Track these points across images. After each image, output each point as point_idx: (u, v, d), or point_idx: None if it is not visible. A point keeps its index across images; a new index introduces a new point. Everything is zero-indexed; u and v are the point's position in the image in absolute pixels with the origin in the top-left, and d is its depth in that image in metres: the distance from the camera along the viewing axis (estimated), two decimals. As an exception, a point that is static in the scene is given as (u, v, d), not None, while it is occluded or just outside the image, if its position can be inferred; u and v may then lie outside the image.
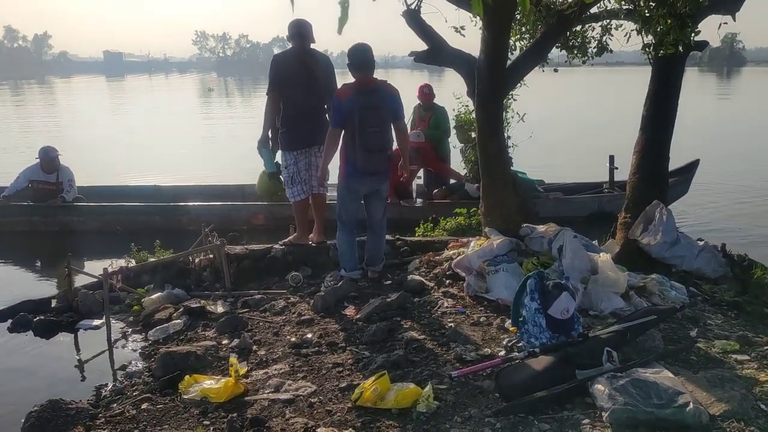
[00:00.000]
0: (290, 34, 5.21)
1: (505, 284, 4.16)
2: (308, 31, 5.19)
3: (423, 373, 3.28)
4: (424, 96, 7.86)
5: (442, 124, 7.79)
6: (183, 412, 3.15)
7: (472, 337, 3.67)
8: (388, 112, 4.58)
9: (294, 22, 5.17)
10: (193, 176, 10.59)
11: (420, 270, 4.96)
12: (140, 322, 4.64)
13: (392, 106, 4.61)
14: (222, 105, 33.01)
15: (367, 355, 3.59)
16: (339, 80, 5.25)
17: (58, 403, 3.19)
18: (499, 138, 4.91)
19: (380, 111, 4.51)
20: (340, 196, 4.81)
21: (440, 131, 7.77)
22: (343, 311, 4.33)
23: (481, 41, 4.64)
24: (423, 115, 7.89)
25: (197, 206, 7.54)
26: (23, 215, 7.51)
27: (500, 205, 4.85)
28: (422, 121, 7.83)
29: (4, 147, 15.96)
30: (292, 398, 3.15)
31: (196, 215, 7.16)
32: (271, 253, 5.44)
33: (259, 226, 7.23)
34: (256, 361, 3.68)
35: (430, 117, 7.82)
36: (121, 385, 3.68)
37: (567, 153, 13.35)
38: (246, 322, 4.29)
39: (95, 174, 10.13)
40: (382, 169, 4.70)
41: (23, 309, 4.87)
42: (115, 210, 7.57)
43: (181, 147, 15.97)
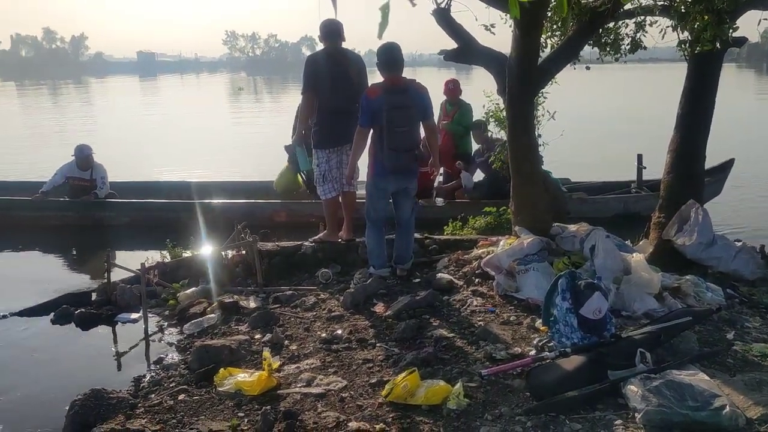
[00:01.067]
0: (322, 34, 5.26)
1: (535, 283, 4.15)
2: (340, 31, 5.25)
3: (453, 371, 3.30)
4: (449, 91, 7.86)
5: (464, 120, 7.78)
6: (218, 403, 3.23)
7: (501, 335, 3.68)
8: (417, 111, 4.61)
9: (326, 22, 5.22)
10: (222, 173, 10.80)
11: (449, 268, 4.97)
12: (176, 316, 4.75)
13: (421, 105, 4.64)
14: (251, 104, 33.36)
15: (396, 352, 3.62)
16: (368, 79, 5.31)
17: (100, 392, 3.30)
18: (529, 136, 4.89)
19: (409, 110, 4.54)
20: (369, 194, 4.85)
21: (462, 128, 7.75)
22: (372, 308, 4.37)
23: (512, 39, 4.63)
24: (448, 110, 7.89)
25: (221, 203, 7.69)
26: (59, 210, 7.79)
27: (531, 203, 4.83)
28: (447, 116, 7.84)
29: (43, 144, 16.46)
30: (324, 392, 3.20)
31: (221, 212, 7.34)
32: (301, 250, 5.51)
33: (281, 223, 7.33)
34: (288, 356, 3.74)
35: (455, 112, 7.82)
36: (158, 376, 3.78)
37: (596, 152, 13.18)
38: (278, 318, 4.35)
39: (128, 170, 10.41)
40: (410, 168, 4.73)
41: (65, 302, 5.03)
42: (144, 206, 7.80)
43: (210, 144, 16.25)
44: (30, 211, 7.81)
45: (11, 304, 5.15)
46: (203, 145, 16.03)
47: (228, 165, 12.39)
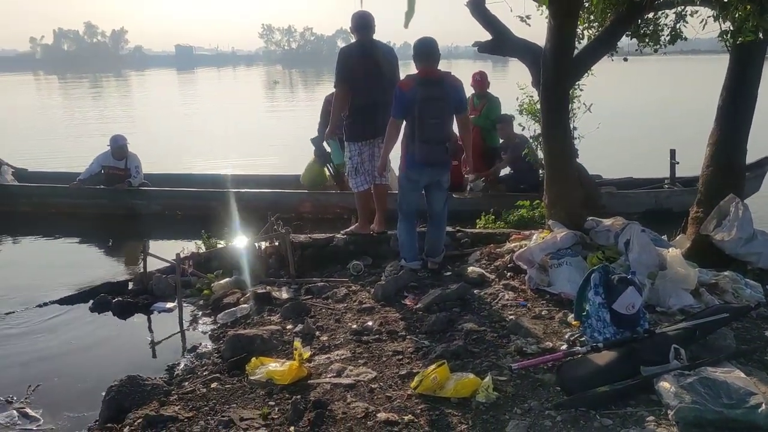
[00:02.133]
0: (354, 26, 5.27)
1: (568, 278, 4.11)
2: (371, 23, 5.25)
3: (482, 364, 3.29)
4: (476, 83, 7.78)
5: (491, 114, 7.69)
6: (250, 392, 3.28)
7: (533, 330, 3.65)
8: (450, 104, 4.57)
9: (358, 14, 5.23)
10: (255, 165, 10.95)
11: (480, 262, 4.95)
12: (209, 305, 4.84)
13: (456, 98, 4.60)
14: (286, 97, 33.62)
15: (426, 344, 3.63)
16: (402, 72, 5.31)
17: (135, 378, 3.38)
18: (564, 129, 4.82)
19: (442, 102, 4.51)
20: (401, 187, 4.85)
21: (490, 121, 7.68)
22: (402, 300, 4.38)
23: (548, 30, 4.56)
24: (476, 104, 7.81)
25: (248, 192, 7.81)
26: (94, 198, 8.05)
27: (564, 197, 4.77)
28: (475, 110, 7.75)
29: (83, 135, 16.92)
30: (353, 383, 3.22)
31: (248, 201, 7.48)
32: (333, 242, 5.54)
33: (306, 213, 7.39)
34: (318, 347, 3.78)
35: (483, 106, 7.75)
36: (192, 364, 3.86)
37: (629, 146, 12.89)
38: (309, 309, 4.39)
39: (163, 161, 10.64)
40: (442, 160, 4.69)
41: (103, 290, 5.18)
42: (174, 194, 8.01)
43: (244, 137, 16.46)
44: (67, 199, 8.09)
45: (51, 292, 5.32)
46: (237, 138, 16.26)
47: (261, 158, 12.54)
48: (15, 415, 3.47)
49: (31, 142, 15.04)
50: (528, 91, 6.52)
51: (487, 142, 7.79)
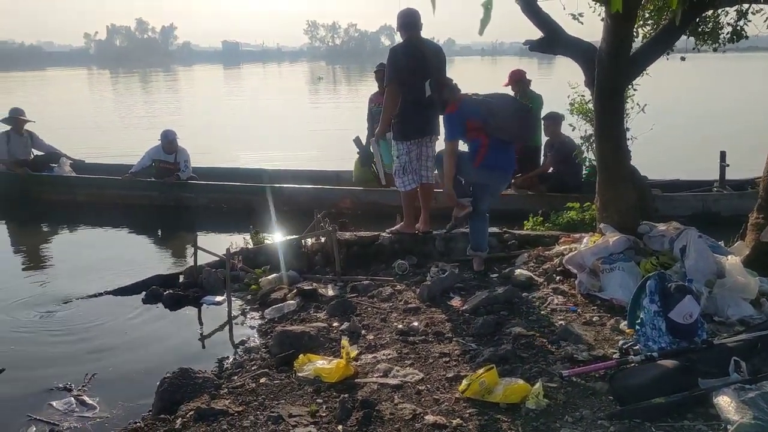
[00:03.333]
0: (400, 24, 5.25)
1: (620, 284, 4.01)
2: (418, 21, 5.23)
3: (532, 370, 3.24)
4: (510, 80, 7.67)
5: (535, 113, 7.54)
6: (297, 388, 3.31)
7: (584, 336, 3.57)
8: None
9: (403, 12, 5.21)
10: (298, 161, 11.09)
11: (528, 265, 4.88)
12: (257, 300, 4.90)
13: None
14: (329, 92, 33.84)
15: (473, 347, 3.59)
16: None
17: (187, 371, 3.45)
18: (618, 130, 4.70)
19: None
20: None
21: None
22: (449, 302, 4.35)
23: (604, 29, 4.46)
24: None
25: (290, 188, 7.98)
26: (144, 190, 8.36)
27: (617, 200, 4.66)
28: None
29: (134, 128, 17.47)
30: (400, 384, 3.22)
31: (290, 196, 7.68)
32: (378, 241, 5.54)
33: (345, 209, 7.43)
34: (365, 345, 3.78)
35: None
36: (240, 359, 3.92)
37: (680, 147, 12.48)
38: (355, 307, 4.41)
39: (209, 155, 10.90)
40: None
41: (155, 283, 5.30)
42: (220, 188, 8.25)
43: (288, 132, 16.67)
44: (120, 190, 8.42)
45: (105, 282, 5.50)
46: (281, 133, 16.49)
47: (304, 153, 12.68)
48: (73, 402, 3.59)
49: (86, 135, 15.57)
50: (579, 90, 6.40)
51: (529, 142, 7.62)
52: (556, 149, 7.27)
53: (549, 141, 7.48)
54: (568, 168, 7.24)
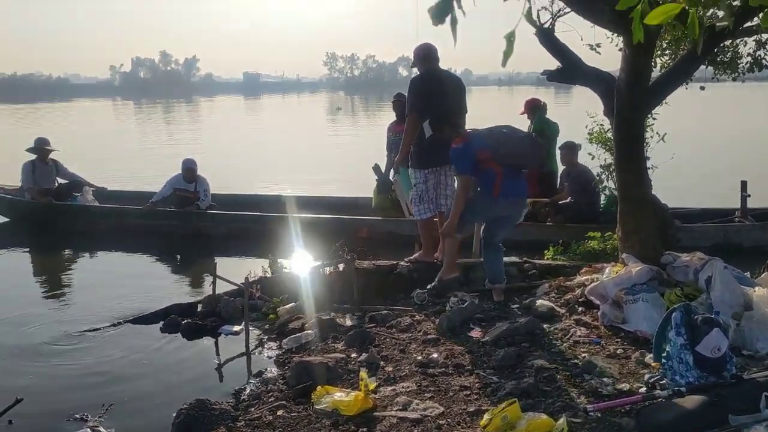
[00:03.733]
0: (420, 57, 5.31)
1: (644, 315, 3.92)
2: (435, 54, 5.31)
3: (555, 404, 3.16)
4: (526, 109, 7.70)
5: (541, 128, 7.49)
6: (315, 421, 3.26)
7: (608, 369, 3.49)
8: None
9: (420, 47, 5.31)
10: (316, 188, 11.15)
11: (549, 295, 4.80)
12: (275, 330, 4.88)
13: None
14: (348, 122, 34.18)
15: (495, 381, 3.52)
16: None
17: (204, 402, 3.42)
18: (638, 159, 4.67)
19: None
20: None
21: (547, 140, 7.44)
22: (469, 333, 4.29)
23: (622, 59, 4.45)
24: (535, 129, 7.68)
25: (308, 217, 8.01)
26: (165, 219, 8.44)
27: (639, 230, 4.59)
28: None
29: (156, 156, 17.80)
30: (420, 418, 3.15)
31: (308, 225, 7.70)
32: (397, 270, 5.51)
33: (362, 238, 7.43)
34: (383, 377, 3.73)
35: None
36: (258, 390, 3.88)
37: (699, 176, 12.32)
38: (373, 337, 4.36)
39: (229, 183, 10.99)
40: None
41: (173, 312, 5.30)
42: (238, 218, 8.32)
43: (307, 160, 16.83)
44: (141, 219, 8.52)
45: (124, 311, 5.52)
46: (301, 161, 16.64)
47: (323, 180, 12.76)
48: (89, 433, 3.57)
49: (109, 163, 15.85)
50: (598, 119, 6.38)
51: (545, 168, 7.55)
52: (573, 178, 7.21)
53: (566, 170, 7.42)
54: (586, 198, 7.17)
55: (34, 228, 8.88)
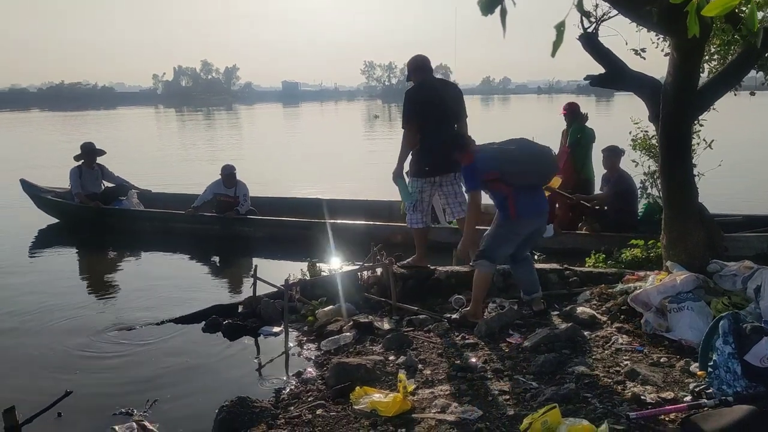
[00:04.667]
0: (412, 69, 5.39)
1: (689, 324, 3.84)
2: (427, 65, 5.42)
3: (597, 411, 3.11)
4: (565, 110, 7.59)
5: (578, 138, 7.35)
6: (354, 421, 3.28)
7: (651, 377, 3.42)
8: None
9: (415, 58, 5.41)
10: (353, 191, 11.23)
11: (591, 302, 4.73)
12: (314, 332, 4.92)
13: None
14: (384, 129, 34.27)
15: (534, 386, 3.49)
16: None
17: (245, 400, 3.48)
18: (685, 165, 4.57)
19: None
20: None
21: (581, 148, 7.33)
22: (507, 338, 4.26)
23: (670, 63, 4.38)
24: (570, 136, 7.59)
25: (343, 223, 8.15)
26: (206, 224, 8.69)
27: (685, 237, 4.50)
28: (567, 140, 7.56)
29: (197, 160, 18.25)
30: (459, 421, 3.14)
31: (343, 230, 7.85)
32: (434, 275, 5.51)
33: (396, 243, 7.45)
34: (422, 380, 3.73)
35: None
36: (297, 389, 3.92)
37: (745, 183, 11.97)
38: (411, 341, 4.37)
39: (267, 186, 11.21)
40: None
41: (214, 312, 5.40)
42: (276, 223, 8.49)
43: (345, 165, 16.96)
44: (183, 223, 8.76)
45: (167, 310, 5.65)
46: (337, 166, 16.81)
47: (358, 184, 12.82)
48: (134, 427, 3.65)
49: (153, 167, 16.25)
50: (642, 125, 6.28)
51: (581, 175, 7.41)
52: (614, 184, 7.04)
53: (606, 175, 7.22)
54: (625, 205, 7.00)
55: (82, 229, 9.21)
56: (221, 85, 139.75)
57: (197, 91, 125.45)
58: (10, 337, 5.25)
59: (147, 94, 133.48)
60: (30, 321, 5.55)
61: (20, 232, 9.28)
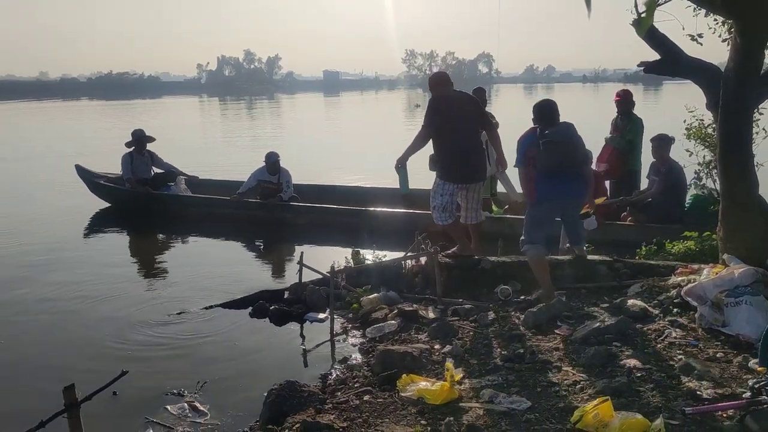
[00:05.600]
0: (432, 85, 5.56)
1: (747, 318, 3.71)
2: (447, 79, 5.59)
3: (650, 405, 3.04)
4: (617, 101, 7.39)
5: (629, 134, 7.16)
6: (401, 408, 3.28)
7: (707, 372, 3.32)
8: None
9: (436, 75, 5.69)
10: (394, 179, 11.19)
11: (642, 295, 4.62)
12: (358, 319, 4.96)
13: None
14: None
15: (584, 378, 3.43)
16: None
17: (294, 384, 3.52)
18: (744, 155, 4.40)
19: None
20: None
21: (626, 142, 7.13)
22: (555, 330, 4.19)
23: (731, 48, 4.22)
24: (619, 125, 7.36)
25: (383, 211, 8.24)
26: (251, 210, 8.83)
27: (743, 229, 4.34)
28: (616, 130, 7.35)
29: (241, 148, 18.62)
30: (507, 411, 3.12)
31: (383, 219, 8.01)
32: (480, 265, 5.46)
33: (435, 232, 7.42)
34: (468, 370, 3.71)
35: (625, 127, 7.27)
36: (343, 375, 3.96)
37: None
38: (456, 330, 4.35)
39: (309, 173, 11.26)
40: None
41: (261, 298, 5.49)
42: (318, 210, 8.59)
43: (386, 153, 16.87)
44: (228, 209, 8.95)
45: (214, 294, 5.78)
46: (378, 154, 16.78)
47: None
48: (186, 408, 3.75)
49: (199, 155, 16.58)
50: (698, 113, 6.07)
51: (626, 166, 7.20)
52: (665, 176, 6.81)
53: (655, 165, 6.96)
54: (672, 197, 6.79)
55: (133, 213, 9.50)
56: (263, 74, 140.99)
57: (240, 80, 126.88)
58: (67, 317, 5.45)
59: (191, 84, 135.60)
60: (84, 303, 5.75)
61: (75, 216, 9.65)
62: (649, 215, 6.91)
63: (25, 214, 9.79)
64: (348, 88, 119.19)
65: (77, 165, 10.32)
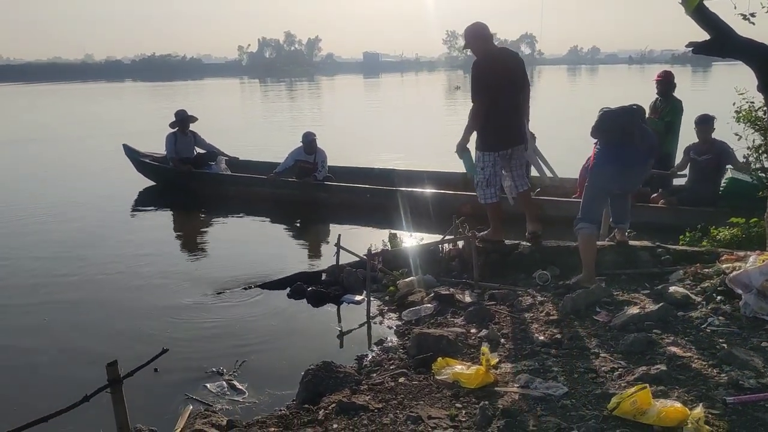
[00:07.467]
0: (474, 37, 5.18)
1: (795, 308, 3.59)
2: (487, 31, 5.21)
3: (690, 393, 2.99)
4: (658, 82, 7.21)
5: (668, 116, 7.00)
6: (436, 391, 3.30)
7: (750, 362, 3.23)
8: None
9: (474, 26, 5.20)
10: (429, 161, 11.20)
11: (684, 282, 4.51)
12: (395, 302, 4.99)
13: None
14: (467, 100, 33.79)
15: (623, 365, 3.38)
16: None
17: (330, 365, 3.58)
18: (796, 139, 4.24)
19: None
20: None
21: (664, 123, 6.97)
22: (594, 316, 4.14)
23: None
24: (658, 107, 7.19)
25: (413, 191, 8.29)
26: (287, 188, 9.03)
27: (793, 217, 4.19)
28: (654, 112, 7.15)
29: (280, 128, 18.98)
30: (543, 396, 3.10)
31: (414, 199, 8.03)
32: (518, 249, 5.41)
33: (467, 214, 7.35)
34: (504, 354, 3.70)
35: (664, 109, 7.09)
36: (379, 357, 4.00)
37: None
38: (493, 315, 4.33)
39: (346, 154, 11.40)
40: None
41: (299, 279, 5.58)
42: (350, 190, 8.70)
43: (422, 135, 16.94)
44: (265, 188, 9.15)
45: (253, 274, 5.89)
46: (415, 136, 16.82)
47: (435, 156, 12.72)
48: (224, 386, 3.86)
49: (240, 136, 16.88)
50: (748, 96, 5.85)
51: (661, 149, 6.95)
52: (716, 155, 6.63)
53: (698, 145, 6.80)
54: (711, 179, 6.64)
55: (176, 192, 9.80)
56: (303, 56, 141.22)
57: (280, 62, 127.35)
58: (109, 296, 5.63)
59: (232, 66, 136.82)
60: (126, 280, 5.96)
61: (123, 193, 10.05)
62: (680, 197, 6.78)
63: (74, 192, 10.26)
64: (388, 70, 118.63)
65: (125, 144, 10.67)
